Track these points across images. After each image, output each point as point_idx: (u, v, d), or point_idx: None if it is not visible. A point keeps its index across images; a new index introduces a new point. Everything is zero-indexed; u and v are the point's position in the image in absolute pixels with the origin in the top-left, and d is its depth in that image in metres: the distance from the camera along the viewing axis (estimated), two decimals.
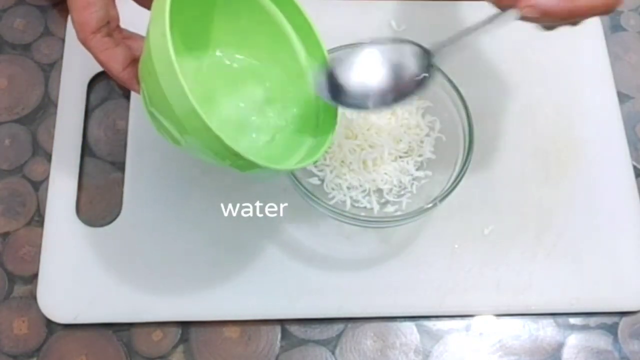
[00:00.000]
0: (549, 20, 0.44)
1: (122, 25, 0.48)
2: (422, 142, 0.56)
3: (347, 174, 0.54)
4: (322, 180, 0.54)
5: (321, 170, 0.55)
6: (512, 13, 0.44)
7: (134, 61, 0.47)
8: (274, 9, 0.49)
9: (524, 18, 0.44)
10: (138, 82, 0.46)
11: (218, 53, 0.50)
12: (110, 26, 0.46)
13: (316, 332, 0.54)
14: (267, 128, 0.50)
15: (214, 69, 0.51)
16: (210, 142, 0.41)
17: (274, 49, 0.50)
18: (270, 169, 0.44)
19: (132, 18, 0.48)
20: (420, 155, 0.56)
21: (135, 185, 0.56)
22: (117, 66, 0.46)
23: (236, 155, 0.41)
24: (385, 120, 0.55)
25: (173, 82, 0.39)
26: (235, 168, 0.44)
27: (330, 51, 0.51)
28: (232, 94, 0.51)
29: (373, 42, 0.49)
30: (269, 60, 0.51)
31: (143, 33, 0.46)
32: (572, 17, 0.44)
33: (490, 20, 0.45)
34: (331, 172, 0.54)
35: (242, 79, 0.51)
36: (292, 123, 0.50)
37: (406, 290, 0.54)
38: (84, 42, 0.46)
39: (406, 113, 0.56)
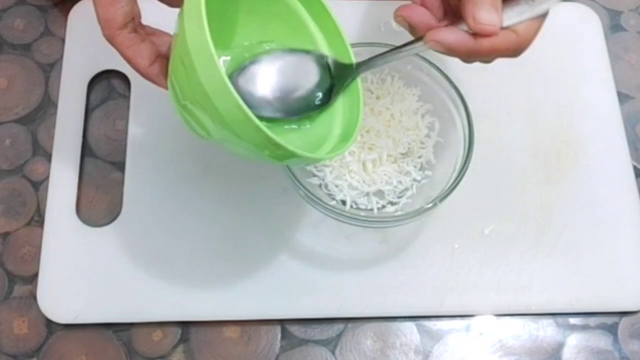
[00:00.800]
0: (455, 56, 0.45)
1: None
2: (422, 143, 0.56)
3: (347, 174, 0.54)
4: (322, 181, 0.54)
5: (320, 171, 0.55)
6: (421, 44, 0.45)
7: (160, 57, 0.47)
8: (293, 1, 0.49)
9: (433, 49, 0.45)
10: (165, 78, 0.46)
11: (245, 43, 0.50)
12: (135, 22, 0.46)
13: (316, 332, 0.54)
14: (294, 117, 0.50)
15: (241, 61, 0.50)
16: (251, 134, 0.41)
17: (295, 41, 0.50)
18: (308, 158, 0.44)
19: (150, 15, 0.48)
20: (420, 157, 0.56)
21: (135, 185, 0.56)
22: (143, 62, 0.46)
23: (276, 146, 0.41)
24: (384, 122, 0.55)
25: (214, 77, 0.39)
26: (272, 159, 0.44)
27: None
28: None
29: (276, 50, 0.50)
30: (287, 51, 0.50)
31: (162, 29, 0.47)
32: (479, 56, 0.45)
33: (401, 48, 0.47)
34: (331, 172, 0.54)
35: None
36: (317, 113, 0.50)
37: (406, 290, 0.54)
38: (110, 39, 0.46)
39: (405, 115, 0.56)
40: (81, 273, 0.54)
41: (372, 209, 0.54)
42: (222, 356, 0.53)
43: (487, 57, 0.45)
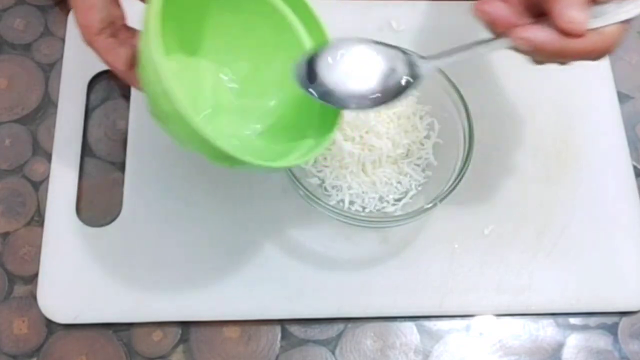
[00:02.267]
0: (540, 55, 0.45)
1: (132, 23, 0.48)
2: (422, 144, 0.56)
3: (347, 175, 0.54)
4: (322, 181, 0.54)
5: (320, 171, 0.55)
6: (505, 41, 0.45)
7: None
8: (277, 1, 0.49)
9: (515, 48, 0.44)
10: None
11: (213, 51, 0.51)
12: (115, 25, 0.47)
13: (316, 332, 0.54)
14: (264, 119, 0.50)
15: (210, 64, 0.51)
16: (198, 143, 0.42)
17: (278, 41, 0.50)
18: (264, 167, 0.44)
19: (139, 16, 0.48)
20: (419, 158, 0.56)
21: (135, 185, 0.56)
22: (121, 66, 0.47)
23: (229, 159, 0.42)
24: (384, 123, 0.55)
25: (157, 83, 0.40)
26: (229, 165, 0.44)
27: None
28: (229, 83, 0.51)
29: (362, 40, 0.48)
30: (271, 51, 0.50)
31: None
32: (564, 57, 0.45)
33: (482, 44, 0.46)
34: (331, 173, 0.54)
35: (242, 76, 0.51)
36: (289, 116, 0.50)
37: (406, 290, 0.54)
38: (90, 44, 0.47)
39: (404, 116, 0.56)
40: (81, 273, 0.54)
41: (372, 209, 0.54)
42: (222, 356, 0.53)
43: (571, 58, 0.45)
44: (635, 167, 0.60)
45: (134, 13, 0.47)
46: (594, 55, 0.45)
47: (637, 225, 0.58)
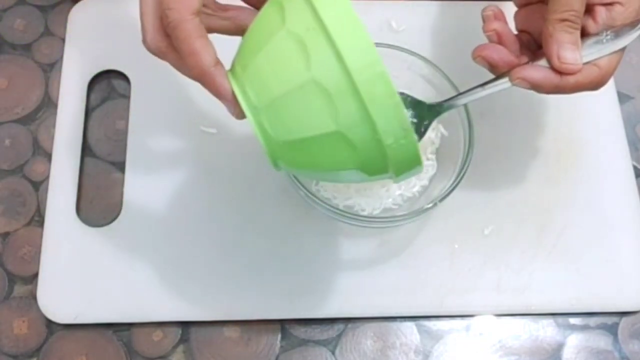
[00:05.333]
0: (539, 92, 0.47)
1: None
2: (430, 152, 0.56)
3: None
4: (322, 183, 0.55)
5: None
6: (505, 81, 0.47)
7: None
8: None
9: (517, 85, 0.47)
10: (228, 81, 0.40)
11: None
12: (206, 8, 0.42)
13: (316, 332, 0.54)
14: None
15: None
16: (390, 112, 0.36)
17: None
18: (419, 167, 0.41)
19: None
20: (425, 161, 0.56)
21: (135, 185, 0.56)
22: (209, 59, 0.40)
23: (406, 132, 0.37)
24: None
25: (362, 45, 0.35)
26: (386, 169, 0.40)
27: None
28: None
29: None
30: None
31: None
32: (560, 92, 0.47)
33: (484, 86, 0.48)
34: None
35: None
36: None
37: (406, 290, 0.54)
38: (179, 24, 0.39)
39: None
40: (81, 273, 0.54)
41: (372, 209, 0.54)
42: (222, 356, 0.53)
43: (570, 92, 0.47)
44: (635, 167, 0.60)
45: None
46: (592, 86, 0.47)
47: (637, 226, 0.58)
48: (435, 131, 0.55)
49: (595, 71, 0.46)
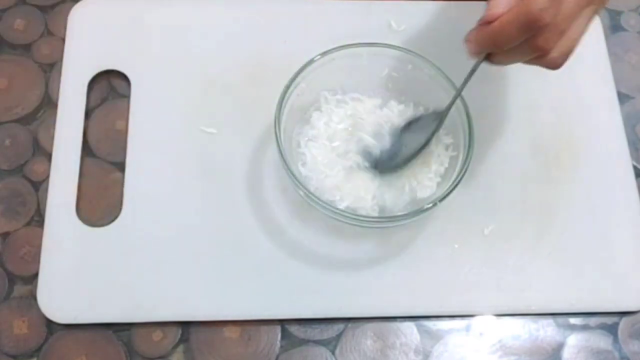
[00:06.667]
0: (493, 51, 0.47)
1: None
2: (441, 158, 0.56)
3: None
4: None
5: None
6: (474, 59, 0.48)
7: None
8: None
9: (489, 61, 0.47)
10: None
11: None
12: None
13: (316, 332, 0.54)
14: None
15: None
16: None
17: None
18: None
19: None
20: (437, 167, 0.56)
21: (135, 185, 0.56)
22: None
23: None
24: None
25: None
26: None
27: (330, 51, 0.51)
28: None
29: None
30: None
31: None
32: (497, 42, 0.46)
33: (471, 71, 0.49)
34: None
35: None
36: None
37: (406, 290, 0.54)
38: None
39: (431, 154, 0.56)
40: (81, 273, 0.54)
41: (372, 209, 0.54)
42: (222, 356, 0.53)
43: (509, 38, 0.45)
44: (635, 167, 0.60)
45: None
46: (523, 21, 0.44)
47: (637, 226, 0.58)
48: (443, 157, 0.56)
49: (519, 4, 0.44)
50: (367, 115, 0.56)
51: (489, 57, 0.48)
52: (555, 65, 0.48)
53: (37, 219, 0.56)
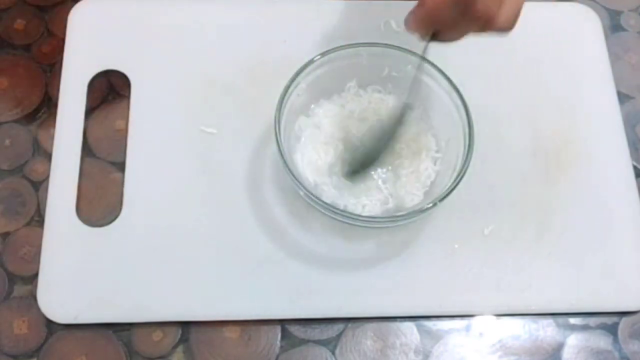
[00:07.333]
0: (431, 27, 0.47)
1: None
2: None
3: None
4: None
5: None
6: (419, 38, 0.49)
7: None
8: None
9: (439, 40, 0.48)
10: None
11: None
12: None
13: (316, 332, 0.54)
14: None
15: None
16: None
17: None
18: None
19: None
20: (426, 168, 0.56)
21: (135, 185, 0.56)
22: None
23: None
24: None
25: None
26: None
27: (330, 51, 0.51)
28: None
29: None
30: None
31: None
32: (434, 19, 0.46)
33: (423, 51, 0.50)
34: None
35: None
36: None
37: (406, 290, 0.54)
38: None
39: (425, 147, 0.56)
40: (81, 273, 0.54)
41: (372, 209, 0.54)
42: (222, 356, 0.53)
43: (443, 11, 0.45)
44: (635, 167, 0.60)
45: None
46: None
47: (637, 226, 0.58)
48: (435, 138, 0.55)
49: None
50: (366, 115, 0.56)
51: (437, 36, 0.48)
52: (505, 28, 0.46)
53: (37, 219, 0.56)
